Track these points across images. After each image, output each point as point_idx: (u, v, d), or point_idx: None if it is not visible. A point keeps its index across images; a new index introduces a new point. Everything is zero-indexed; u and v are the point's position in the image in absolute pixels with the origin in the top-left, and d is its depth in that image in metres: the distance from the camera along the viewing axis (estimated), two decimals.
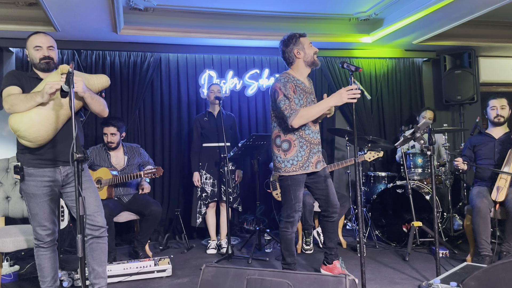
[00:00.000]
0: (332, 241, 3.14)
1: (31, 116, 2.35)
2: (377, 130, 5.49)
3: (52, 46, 2.56)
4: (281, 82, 2.89)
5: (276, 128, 3.00)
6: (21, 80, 2.51)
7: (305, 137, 2.95)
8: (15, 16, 4.01)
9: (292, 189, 2.93)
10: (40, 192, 2.49)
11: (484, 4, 3.91)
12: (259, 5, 4.21)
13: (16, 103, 2.34)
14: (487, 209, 3.37)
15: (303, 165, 2.93)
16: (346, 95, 2.71)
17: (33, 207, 2.50)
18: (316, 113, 2.82)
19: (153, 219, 3.84)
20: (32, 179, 2.48)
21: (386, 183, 4.66)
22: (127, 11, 4.12)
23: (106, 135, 3.95)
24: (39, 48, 2.53)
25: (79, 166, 2.10)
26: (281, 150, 2.95)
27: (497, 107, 3.65)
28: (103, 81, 2.63)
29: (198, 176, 4.21)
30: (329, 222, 3.10)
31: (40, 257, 2.59)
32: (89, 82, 2.54)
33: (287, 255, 3.03)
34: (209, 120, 4.27)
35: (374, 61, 5.52)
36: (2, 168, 3.41)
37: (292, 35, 2.99)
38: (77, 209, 2.06)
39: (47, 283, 2.62)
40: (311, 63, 2.99)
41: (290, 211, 2.95)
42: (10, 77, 2.51)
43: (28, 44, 2.55)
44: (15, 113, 2.37)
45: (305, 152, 2.94)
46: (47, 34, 2.60)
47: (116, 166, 3.99)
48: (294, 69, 3.03)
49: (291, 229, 2.97)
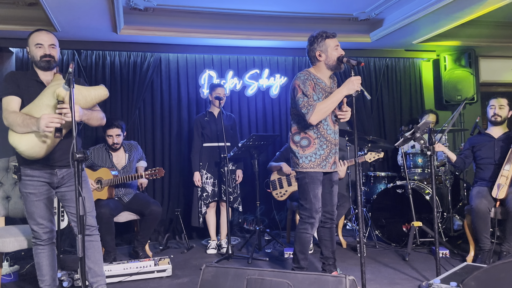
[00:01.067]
0: (329, 249, 3.01)
1: (30, 138, 2.34)
2: (377, 130, 5.49)
3: (53, 44, 2.52)
4: (301, 79, 2.81)
5: (295, 125, 2.92)
6: (20, 86, 2.47)
7: (326, 136, 2.88)
8: (15, 16, 4.01)
9: (310, 187, 2.82)
10: (37, 191, 2.51)
11: (484, 4, 3.91)
12: (259, 5, 4.21)
13: (14, 124, 2.34)
14: (486, 209, 3.38)
15: (320, 163, 2.85)
16: (357, 82, 2.68)
17: (29, 205, 2.52)
18: (332, 105, 2.74)
19: (153, 219, 3.84)
20: (29, 179, 2.50)
21: (386, 183, 4.66)
22: (127, 11, 4.11)
23: (111, 137, 3.92)
24: (41, 46, 2.48)
25: (79, 166, 2.11)
26: (300, 146, 2.87)
27: (496, 106, 3.68)
28: (100, 94, 2.52)
29: (199, 176, 4.21)
30: (325, 228, 2.99)
31: (38, 255, 2.60)
32: (86, 97, 2.46)
33: (302, 258, 2.88)
34: (209, 120, 4.27)
35: (374, 61, 5.53)
36: (2, 168, 3.41)
37: (319, 35, 2.85)
38: (77, 209, 2.07)
39: (45, 282, 2.62)
40: (333, 67, 2.87)
41: (311, 211, 2.82)
42: (9, 82, 2.47)
43: (30, 41, 2.51)
44: (25, 107, 2.39)
45: (325, 152, 2.87)
46: (49, 31, 2.55)
47: (117, 165, 3.99)
48: (316, 69, 2.92)
49: (310, 231, 2.84)
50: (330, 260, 3.02)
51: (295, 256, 2.92)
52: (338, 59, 2.82)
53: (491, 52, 5.72)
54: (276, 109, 5.27)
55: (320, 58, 2.86)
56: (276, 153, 4.54)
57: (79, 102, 2.39)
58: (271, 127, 5.26)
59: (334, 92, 2.78)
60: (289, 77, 5.24)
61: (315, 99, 2.81)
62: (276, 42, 4.89)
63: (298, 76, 2.86)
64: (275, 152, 4.68)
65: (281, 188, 4.29)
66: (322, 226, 3.00)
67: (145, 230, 3.89)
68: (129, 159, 4.05)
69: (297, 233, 2.90)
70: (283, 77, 5.23)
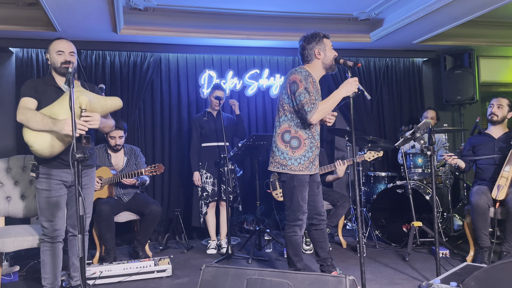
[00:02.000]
0: (325, 250, 2.99)
1: (45, 137, 2.49)
2: (377, 130, 5.49)
3: (73, 51, 2.71)
4: (302, 74, 2.75)
5: (286, 123, 2.83)
6: (38, 90, 2.63)
7: (316, 138, 2.87)
8: (15, 16, 4.01)
9: (298, 191, 2.79)
10: (51, 189, 2.64)
11: (484, 4, 3.91)
12: (259, 5, 4.21)
13: (31, 121, 2.48)
14: (486, 205, 3.38)
15: (308, 165, 2.83)
16: (355, 83, 2.68)
17: (42, 202, 2.65)
18: (332, 105, 2.73)
19: (152, 219, 3.84)
20: (46, 177, 2.63)
21: (386, 183, 4.66)
22: (127, 11, 4.11)
23: (114, 138, 3.95)
24: (62, 53, 2.67)
25: (79, 166, 2.13)
26: (289, 146, 2.80)
27: (494, 105, 3.70)
28: (115, 104, 2.71)
29: (199, 176, 4.21)
30: (318, 230, 2.97)
31: (44, 253, 2.69)
32: (103, 106, 2.62)
33: (297, 261, 2.85)
34: (208, 120, 4.28)
35: (374, 61, 5.52)
36: (2, 168, 3.41)
37: (316, 34, 2.85)
38: (77, 209, 2.08)
39: (47, 280, 2.70)
40: (329, 67, 2.87)
41: (298, 214, 2.79)
42: (28, 87, 2.64)
43: (51, 48, 2.69)
44: (27, 128, 2.52)
45: (312, 154, 2.85)
46: (68, 41, 2.76)
47: (115, 166, 3.99)
48: (311, 68, 2.86)
49: (299, 232, 2.82)
50: (328, 261, 3.00)
51: (289, 260, 2.88)
52: (334, 59, 2.83)
53: (491, 52, 5.71)
54: (276, 109, 5.25)
55: (318, 57, 2.84)
56: None
57: (97, 110, 2.55)
58: (271, 127, 5.26)
59: (333, 93, 2.76)
60: None
61: (316, 98, 2.79)
62: (276, 42, 4.89)
63: (297, 71, 2.78)
64: None
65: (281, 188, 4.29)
66: (315, 229, 2.98)
67: (144, 230, 3.89)
68: (127, 162, 4.06)
69: (286, 237, 2.85)
70: (283, 77, 5.22)
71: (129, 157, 4.09)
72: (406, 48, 5.36)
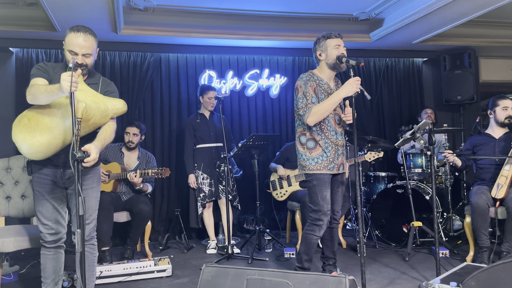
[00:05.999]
0: (330, 249, 3.02)
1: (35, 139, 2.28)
2: (377, 130, 5.49)
3: (89, 53, 2.38)
4: (303, 80, 2.85)
5: (301, 127, 2.92)
6: (48, 73, 2.40)
7: (330, 138, 2.89)
8: (15, 16, 4.01)
9: (318, 189, 2.81)
10: (43, 190, 2.49)
11: (484, 4, 3.91)
12: (259, 5, 4.21)
13: (37, 95, 2.23)
14: (485, 205, 3.38)
15: (328, 165, 2.85)
16: (356, 84, 2.68)
17: (37, 204, 2.50)
18: (329, 107, 2.75)
19: (141, 218, 3.84)
20: (37, 175, 2.49)
21: (386, 183, 4.66)
22: (127, 11, 4.11)
23: (128, 134, 4.07)
24: (74, 53, 2.35)
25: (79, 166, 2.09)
26: (306, 148, 2.88)
27: (509, 107, 3.60)
28: (117, 108, 2.46)
29: (194, 178, 4.21)
30: (328, 228, 2.96)
31: (43, 257, 2.56)
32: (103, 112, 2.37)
33: (306, 260, 2.87)
34: (201, 122, 4.27)
35: (374, 61, 5.52)
36: (2, 168, 3.41)
37: (323, 35, 2.90)
38: (77, 209, 2.03)
39: (47, 285, 2.58)
40: (333, 66, 2.87)
41: (319, 214, 2.80)
42: (39, 68, 2.40)
43: (66, 41, 2.36)
44: (36, 105, 2.30)
45: (331, 154, 2.87)
46: (88, 34, 2.35)
47: (126, 166, 4.07)
48: (319, 69, 2.95)
49: (318, 233, 2.81)
50: (331, 260, 3.02)
51: (299, 256, 2.92)
52: (337, 57, 2.83)
53: (491, 52, 5.71)
54: (276, 109, 5.27)
55: (320, 58, 2.91)
56: (276, 153, 4.54)
57: (95, 115, 2.29)
58: (271, 127, 5.26)
59: (333, 94, 2.80)
60: (289, 77, 5.24)
61: (314, 101, 2.82)
62: (276, 42, 4.88)
63: (300, 77, 2.90)
64: (275, 152, 4.68)
65: (281, 188, 4.29)
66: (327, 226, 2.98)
67: (134, 229, 3.89)
68: (138, 166, 4.09)
69: (304, 233, 2.89)
70: (283, 77, 5.23)
71: (141, 161, 4.14)
72: (406, 48, 5.36)
